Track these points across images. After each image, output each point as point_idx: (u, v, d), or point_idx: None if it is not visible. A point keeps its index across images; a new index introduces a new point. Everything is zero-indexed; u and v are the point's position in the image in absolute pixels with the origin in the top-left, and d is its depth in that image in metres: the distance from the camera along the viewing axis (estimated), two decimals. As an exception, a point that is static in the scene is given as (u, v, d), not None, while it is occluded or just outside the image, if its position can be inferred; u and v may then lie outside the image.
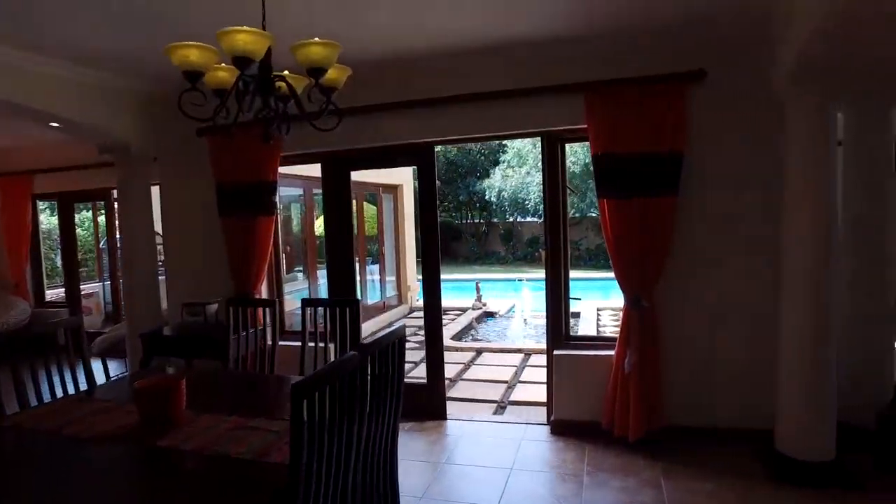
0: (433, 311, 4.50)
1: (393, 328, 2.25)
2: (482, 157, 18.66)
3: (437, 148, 4.64)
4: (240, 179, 4.44)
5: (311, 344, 3.44)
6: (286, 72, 2.16)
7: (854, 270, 3.60)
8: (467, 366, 6.14)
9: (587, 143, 3.75)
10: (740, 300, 3.69)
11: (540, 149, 5.00)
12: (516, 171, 17.09)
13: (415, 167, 6.69)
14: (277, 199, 4.60)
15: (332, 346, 3.45)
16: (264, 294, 4.80)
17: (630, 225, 3.58)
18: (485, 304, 9.32)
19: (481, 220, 19.67)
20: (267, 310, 3.86)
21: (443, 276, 4.56)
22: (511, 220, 19.01)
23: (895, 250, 3.70)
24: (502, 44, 3.75)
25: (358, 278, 5.32)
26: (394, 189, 9.82)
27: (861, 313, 3.70)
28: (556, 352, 3.99)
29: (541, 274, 4.74)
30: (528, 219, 18.12)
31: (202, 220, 4.75)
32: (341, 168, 4.62)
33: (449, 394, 4.94)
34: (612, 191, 3.60)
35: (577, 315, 8.41)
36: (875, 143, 3.61)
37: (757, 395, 3.61)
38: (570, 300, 4.11)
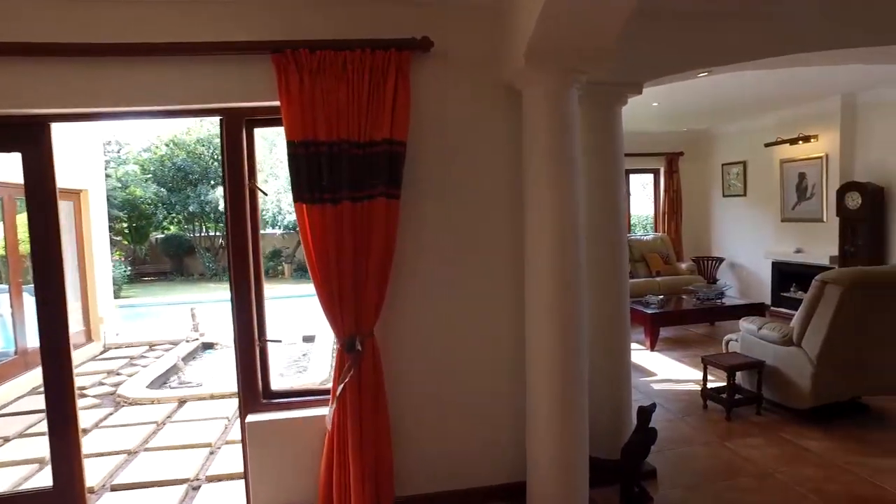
0: (51, 355, 2.97)
1: None
2: (216, 164, 16.49)
3: (161, 150, 3.17)
4: None
5: None
6: None
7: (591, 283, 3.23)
8: (160, 425, 4.61)
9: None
10: (491, 331, 3.04)
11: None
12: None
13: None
14: None
15: None
16: None
17: (339, 239, 2.64)
18: (202, 335, 7.68)
19: (217, 233, 17.40)
20: None
21: (160, 300, 3.12)
22: (251, 232, 17.20)
23: (622, 267, 3.47)
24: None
25: None
26: (75, 195, 7.58)
27: (600, 334, 3.37)
28: (250, 418, 2.86)
29: (285, 288, 3.55)
30: (269, 230, 16.56)
31: None
32: None
33: (116, 481, 3.50)
34: (313, 192, 2.62)
35: (310, 339, 7.38)
36: (604, 142, 3.31)
37: (509, 442, 3.00)
38: (269, 342, 3.01)
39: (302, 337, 7.69)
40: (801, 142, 7.27)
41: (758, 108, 7.62)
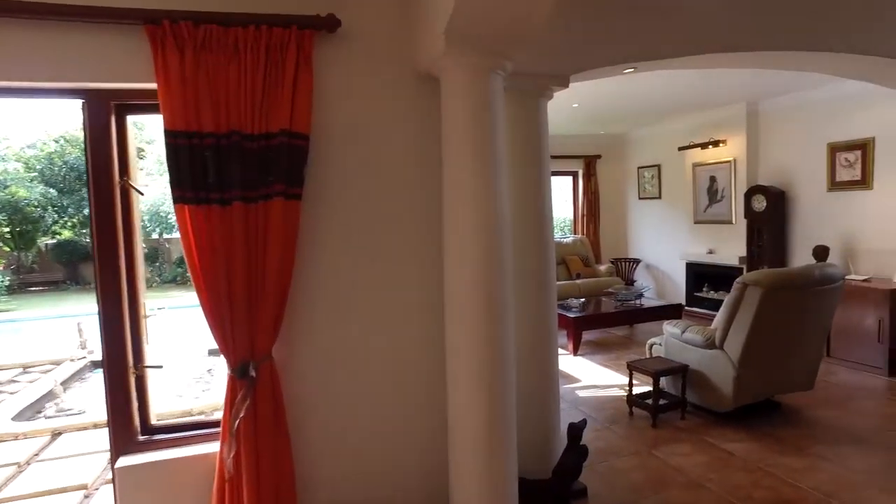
0: None
1: None
2: (115, 161, 15.17)
3: (50, 146, 2.60)
4: None
5: None
6: None
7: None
8: (22, 467, 3.92)
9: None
10: (409, 347, 2.71)
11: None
12: (157, 181, 14.35)
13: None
14: None
15: None
16: None
17: (230, 246, 2.24)
18: (90, 352, 6.86)
19: (117, 238, 16.03)
20: None
21: (47, 313, 2.65)
22: (156, 237, 16.01)
23: (549, 274, 3.27)
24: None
25: None
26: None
27: (527, 344, 3.14)
28: (122, 461, 2.39)
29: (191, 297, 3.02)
30: (176, 234, 15.45)
31: None
32: None
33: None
34: (197, 191, 2.20)
35: (216, 353, 6.77)
36: (529, 138, 3.10)
37: (433, 467, 2.70)
38: (148, 369, 2.55)
39: (208, 350, 7.05)
40: (711, 146, 7.50)
41: (672, 113, 7.80)
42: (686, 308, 7.87)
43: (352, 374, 2.62)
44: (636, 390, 4.56)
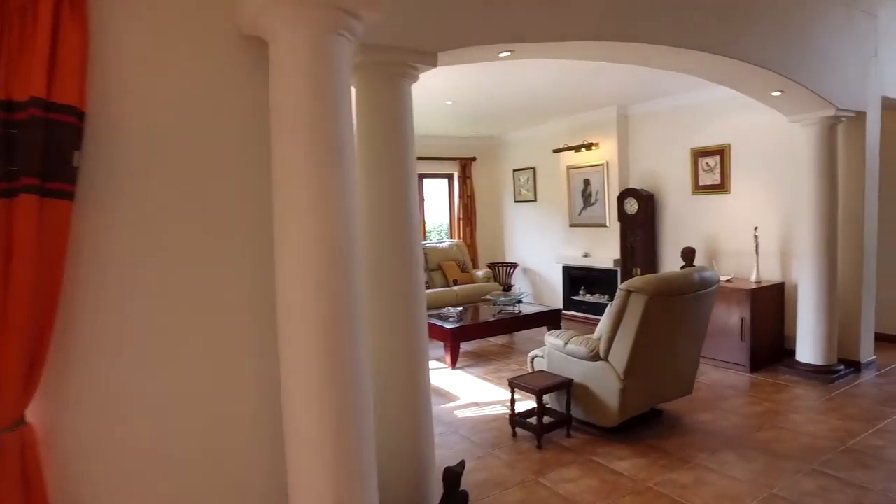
0: None
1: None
2: None
3: None
4: None
5: None
6: None
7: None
8: None
9: None
10: (239, 404, 2.06)
11: None
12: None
13: None
14: None
15: None
16: None
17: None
18: None
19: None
20: None
21: None
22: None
23: (414, 284, 2.78)
24: None
25: None
26: None
27: (391, 371, 2.63)
28: None
29: None
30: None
31: None
32: None
33: None
34: None
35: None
36: (390, 127, 2.59)
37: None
38: None
39: None
40: (584, 149, 7.51)
41: (546, 116, 7.72)
42: (564, 312, 7.81)
43: (157, 436, 1.93)
44: (520, 406, 4.21)
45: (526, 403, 4.35)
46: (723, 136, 6.13)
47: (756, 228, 5.59)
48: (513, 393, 4.11)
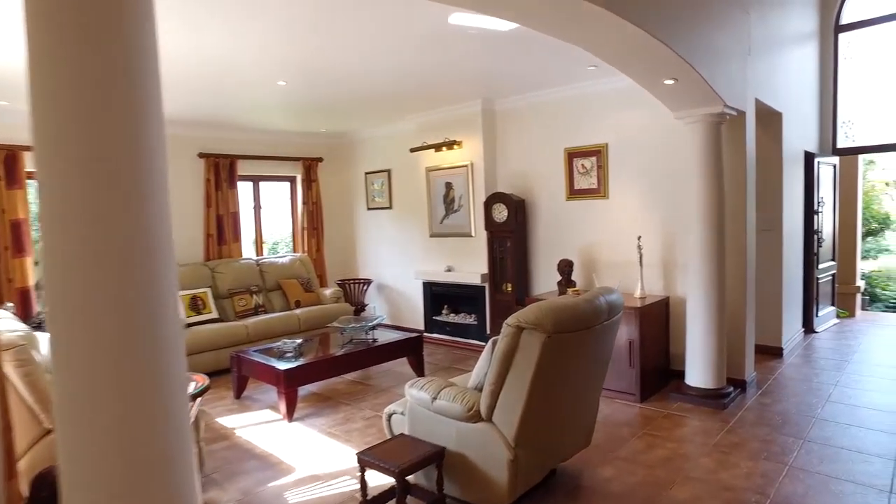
0: None
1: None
2: None
3: None
4: None
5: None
6: None
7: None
8: None
9: None
10: None
11: None
12: None
13: None
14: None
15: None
16: None
17: None
18: None
19: None
20: None
21: None
22: None
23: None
24: None
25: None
26: None
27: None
28: None
29: None
30: None
31: None
32: None
33: None
34: None
35: None
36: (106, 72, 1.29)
37: None
38: None
39: None
40: (445, 148, 6.54)
41: (402, 111, 6.66)
42: (426, 334, 6.76)
43: None
44: (374, 482, 3.03)
45: (383, 479, 3.16)
46: (600, 136, 5.49)
47: (640, 238, 4.97)
48: (363, 471, 2.91)
